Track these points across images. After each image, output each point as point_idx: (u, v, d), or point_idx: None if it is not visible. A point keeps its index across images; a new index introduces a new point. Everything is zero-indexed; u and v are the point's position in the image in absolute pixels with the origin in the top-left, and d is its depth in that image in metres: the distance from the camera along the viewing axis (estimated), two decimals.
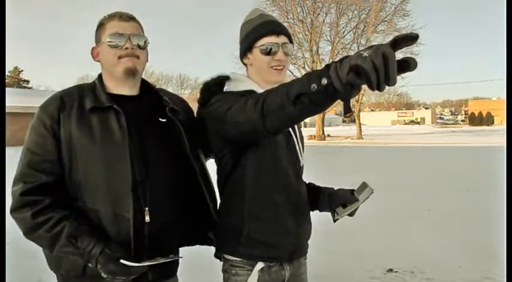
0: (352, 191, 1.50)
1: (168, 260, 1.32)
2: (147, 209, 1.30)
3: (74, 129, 1.29)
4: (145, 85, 1.48)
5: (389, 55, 0.84)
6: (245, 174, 1.40)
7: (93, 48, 1.43)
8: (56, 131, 1.29)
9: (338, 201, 1.52)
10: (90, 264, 1.22)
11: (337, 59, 0.96)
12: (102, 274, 1.19)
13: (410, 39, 0.84)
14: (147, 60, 1.45)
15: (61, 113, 1.30)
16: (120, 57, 1.34)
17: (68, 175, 1.29)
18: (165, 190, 1.37)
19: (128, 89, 1.40)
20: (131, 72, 1.36)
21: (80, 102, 1.33)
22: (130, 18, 1.39)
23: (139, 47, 1.37)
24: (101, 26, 1.40)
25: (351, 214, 1.52)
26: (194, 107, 1.52)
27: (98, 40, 1.41)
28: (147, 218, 1.30)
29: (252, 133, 1.23)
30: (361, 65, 0.86)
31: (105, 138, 1.29)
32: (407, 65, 0.86)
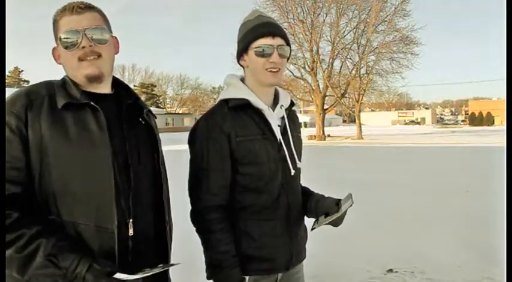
0: (338, 201, 1.47)
1: (163, 269, 1.17)
2: (131, 221, 1.17)
3: (44, 131, 1.10)
4: (115, 81, 1.31)
5: None
6: (233, 197, 1.40)
7: (53, 49, 1.23)
8: (22, 133, 1.09)
9: (322, 210, 1.48)
10: None
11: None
12: None
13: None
14: (117, 52, 1.26)
15: (28, 112, 1.10)
16: (80, 59, 1.16)
17: (38, 184, 1.10)
18: (147, 200, 1.24)
19: (100, 88, 1.23)
20: (95, 79, 1.18)
21: (50, 100, 1.14)
22: (84, 8, 1.17)
23: (99, 42, 1.17)
24: (54, 23, 1.20)
25: (335, 224, 1.47)
26: (194, 107, 1.51)
27: (56, 40, 1.22)
28: (131, 231, 1.17)
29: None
30: None
31: (83, 140, 1.12)
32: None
